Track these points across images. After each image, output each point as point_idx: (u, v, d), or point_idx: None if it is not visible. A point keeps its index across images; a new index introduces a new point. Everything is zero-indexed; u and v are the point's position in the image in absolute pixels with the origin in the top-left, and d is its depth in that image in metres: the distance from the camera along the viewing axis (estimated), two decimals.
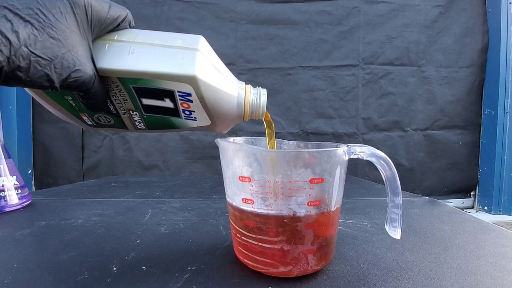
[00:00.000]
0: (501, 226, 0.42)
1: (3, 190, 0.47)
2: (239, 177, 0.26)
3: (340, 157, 0.26)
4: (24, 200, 0.50)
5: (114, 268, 0.28)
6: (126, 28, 0.25)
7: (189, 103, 0.26)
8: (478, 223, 0.44)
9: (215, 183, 0.79)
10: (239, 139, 0.34)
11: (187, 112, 0.27)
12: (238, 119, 0.29)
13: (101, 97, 0.24)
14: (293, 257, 0.25)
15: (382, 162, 0.26)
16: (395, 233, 0.27)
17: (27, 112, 1.42)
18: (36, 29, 0.19)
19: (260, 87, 0.29)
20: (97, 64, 0.23)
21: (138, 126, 0.29)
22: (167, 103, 0.26)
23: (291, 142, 0.36)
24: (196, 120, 0.28)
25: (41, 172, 1.45)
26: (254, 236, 0.26)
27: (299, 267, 0.25)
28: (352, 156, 0.26)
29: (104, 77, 0.24)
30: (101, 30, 0.23)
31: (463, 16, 1.50)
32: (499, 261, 0.30)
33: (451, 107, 1.52)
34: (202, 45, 0.25)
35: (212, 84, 0.25)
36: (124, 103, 0.26)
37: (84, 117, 0.28)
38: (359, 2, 1.47)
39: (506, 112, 1.46)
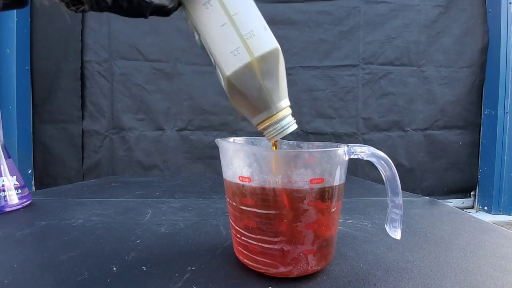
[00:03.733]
0: (501, 226, 0.42)
1: (3, 190, 0.47)
2: (239, 177, 0.26)
3: (340, 157, 0.26)
4: (24, 200, 0.50)
5: (114, 268, 0.28)
6: None
7: None
8: (479, 223, 0.44)
9: (215, 183, 0.79)
10: (239, 139, 0.34)
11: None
12: (253, 119, 0.28)
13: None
14: (293, 257, 0.25)
15: (383, 162, 0.26)
16: (396, 233, 0.27)
17: (27, 112, 1.42)
18: None
19: (294, 121, 0.28)
20: None
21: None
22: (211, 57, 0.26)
23: (291, 142, 0.36)
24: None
25: (41, 172, 1.45)
26: (254, 236, 0.26)
27: (299, 267, 0.25)
28: (352, 156, 0.26)
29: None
30: None
31: (463, 16, 1.50)
32: (500, 261, 0.30)
33: (451, 107, 1.52)
34: (264, 55, 0.24)
35: (241, 91, 0.25)
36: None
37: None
38: (359, 2, 1.47)
39: (506, 112, 1.46)
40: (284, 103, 0.27)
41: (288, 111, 0.28)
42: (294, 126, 0.28)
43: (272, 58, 0.25)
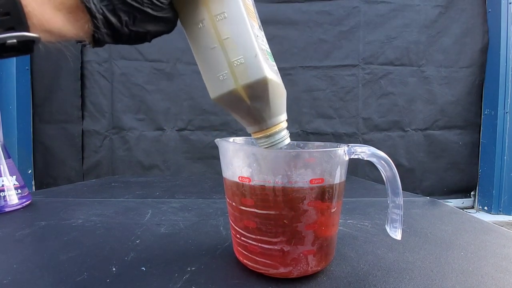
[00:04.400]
0: (501, 226, 0.42)
1: (3, 190, 0.47)
2: (239, 177, 0.25)
3: (340, 157, 0.26)
4: (24, 200, 0.50)
5: (114, 269, 0.28)
6: None
7: None
8: (479, 223, 0.43)
9: (215, 183, 0.79)
10: (239, 139, 0.34)
11: None
12: (246, 128, 0.28)
13: None
14: (293, 258, 0.25)
15: (383, 162, 0.26)
16: (396, 234, 0.27)
17: (27, 112, 1.42)
18: None
19: (287, 137, 0.28)
20: None
21: None
22: None
23: (291, 142, 0.35)
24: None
25: (41, 172, 1.45)
26: (254, 236, 0.25)
27: (299, 268, 0.25)
28: (352, 156, 0.26)
29: None
30: None
31: (463, 16, 1.50)
32: (501, 262, 0.30)
33: (451, 107, 1.52)
34: (252, 85, 0.23)
35: (229, 109, 0.25)
36: None
37: None
38: (359, 2, 1.47)
39: (506, 112, 1.46)
40: (278, 119, 0.27)
41: (283, 125, 0.27)
42: (287, 141, 0.27)
43: (260, 87, 0.24)
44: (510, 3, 1.45)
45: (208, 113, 1.47)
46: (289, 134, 0.28)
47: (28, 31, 0.18)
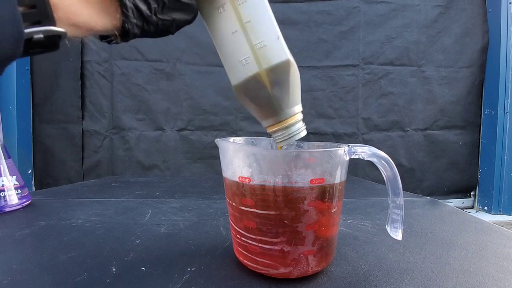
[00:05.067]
0: (501, 226, 0.42)
1: (3, 190, 0.47)
2: (239, 177, 0.25)
3: (341, 157, 0.25)
4: (24, 200, 0.50)
5: (114, 269, 0.28)
6: None
7: None
8: (480, 223, 0.43)
9: (215, 183, 0.79)
10: (239, 139, 0.34)
11: None
12: (262, 122, 0.27)
13: None
14: (294, 258, 0.25)
15: (384, 162, 0.25)
16: (397, 234, 0.27)
17: (27, 112, 1.42)
18: None
19: (304, 129, 0.27)
20: None
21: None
22: None
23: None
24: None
25: (41, 172, 1.45)
26: (254, 237, 0.25)
27: (299, 268, 0.25)
28: (353, 157, 0.26)
29: None
30: None
31: (463, 16, 1.50)
32: (502, 262, 0.30)
33: (451, 107, 1.52)
34: (272, 68, 0.23)
35: (248, 99, 0.25)
36: None
37: None
38: (359, 2, 1.47)
39: (506, 112, 1.46)
40: (296, 109, 0.27)
41: (299, 117, 0.27)
42: (303, 133, 0.27)
43: (282, 70, 0.24)
44: (510, 3, 1.45)
45: (208, 113, 1.47)
46: (305, 126, 0.28)
47: (54, 25, 0.17)
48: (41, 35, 0.17)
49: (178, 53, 1.42)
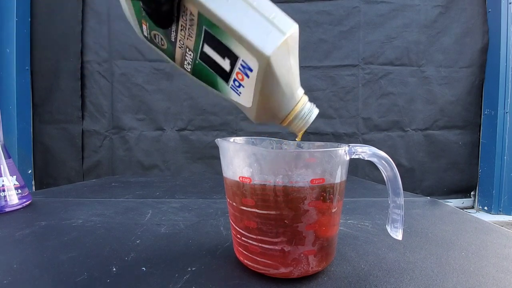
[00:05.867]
0: (501, 226, 0.42)
1: (3, 190, 0.47)
2: (239, 177, 0.25)
3: (341, 157, 0.25)
4: (24, 200, 0.50)
5: (114, 269, 0.28)
6: None
7: (245, 76, 0.25)
8: (480, 223, 0.43)
9: (215, 183, 0.79)
10: (239, 139, 0.34)
11: (236, 83, 0.26)
12: (276, 119, 0.28)
13: (164, 12, 0.24)
14: (294, 258, 0.25)
15: (384, 162, 0.25)
16: (397, 234, 0.27)
17: (27, 112, 1.42)
18: None
19: (314, 106, 0.29)
20: None
21: (184, 65, 0.29)
22: (225, 64, 0.25)
23: (291, 142, 0.35)
24: (239, 95, 0.27)
25: (41, 172, 1.45)
26: (254, 237, 0.25)
27: (300, 268, 0.25)
28: (353, 156, 0.26)
29: (184, 3, 0.24)
30: None
31: (463, 16, 1.50)
32: (502, 262, 0.30)
33: (451, 107, 1.52)
34: (292, 34, 0.24)
35: (277, 74, 0.24)
36: (187, 38, 0.26)
37: (144, 26, 0.28)
38: (359, 2, 1.47)
39: (506, 112, 1.46)
40: (301, 91, 0.29)
41: (305, 97, 0.29)
42: (316, 110, 0.29)
43: (296, 36, 0.25)
44: (510, 3, 1.45)
45: (208, 113, 1.47)
46: (314, 105, 0.29)
47: None
48: None
49: None
